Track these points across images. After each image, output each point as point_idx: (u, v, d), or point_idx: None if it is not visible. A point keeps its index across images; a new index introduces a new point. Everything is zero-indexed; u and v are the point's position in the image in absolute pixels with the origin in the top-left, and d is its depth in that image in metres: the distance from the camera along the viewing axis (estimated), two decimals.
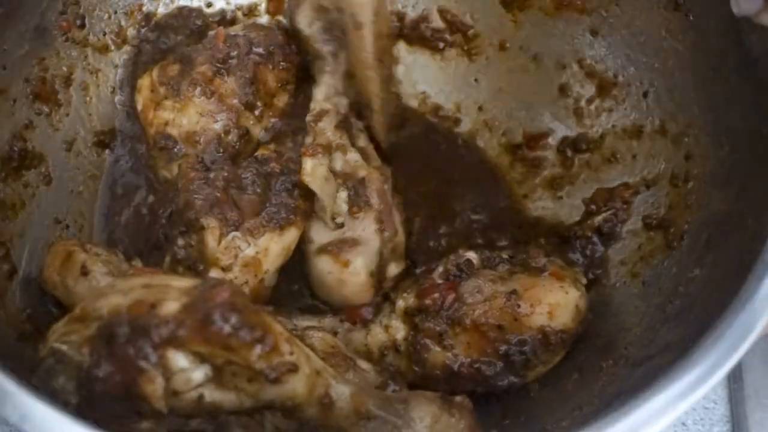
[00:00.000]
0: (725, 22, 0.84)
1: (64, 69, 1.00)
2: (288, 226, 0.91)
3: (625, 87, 1.02)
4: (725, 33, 0.86)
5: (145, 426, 0.71)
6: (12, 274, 0.87)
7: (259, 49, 1.02)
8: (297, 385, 0.70)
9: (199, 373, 0.68)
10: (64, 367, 0.69)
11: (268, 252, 0.89)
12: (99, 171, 1.04)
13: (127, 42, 1.07)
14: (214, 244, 0.87)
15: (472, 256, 0.91)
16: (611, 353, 0.85)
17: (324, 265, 0.90)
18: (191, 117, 0.97)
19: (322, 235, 0.92)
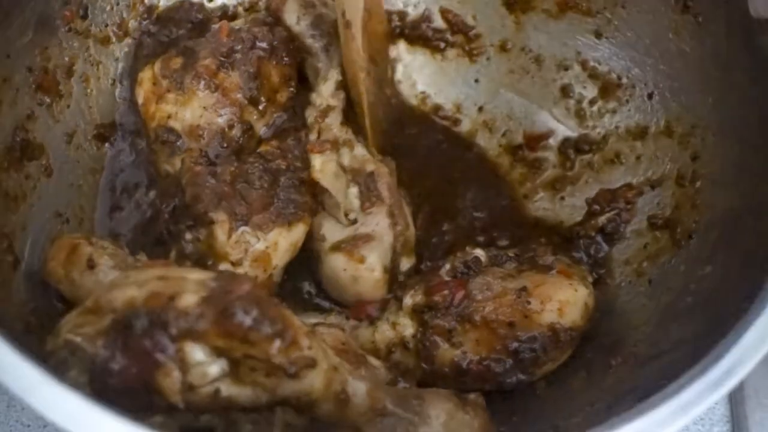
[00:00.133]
0: (735, 24, 0.85)
1: (66, 59, 0.98)
2: (296, 221, 0.90)
3: (630, 88, 1.02)
4: (735, 34, 0.87)
5: (156, 420, 0.69)
6: (16, 265, 0.85)
7: (262, 44, 1.01)
8: (315, 381, 0.69)
9: (216, 367, 0.67)
10: (77, 360, 0.67)
11: (278, 247, 0.88)
12: (99, 165, 1.03)
13: (129, 34, 1.06)
14: (223, 238, 0.86)
15: (480, 253, 0.91)
16: (619, 351, 0.85)
17: (338, 263, 0.90)
18: (194, 111, 0.96)
19: (334, 232, 0.92)
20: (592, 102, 1.06)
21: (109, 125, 1.04)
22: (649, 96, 1.00)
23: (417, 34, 1.15)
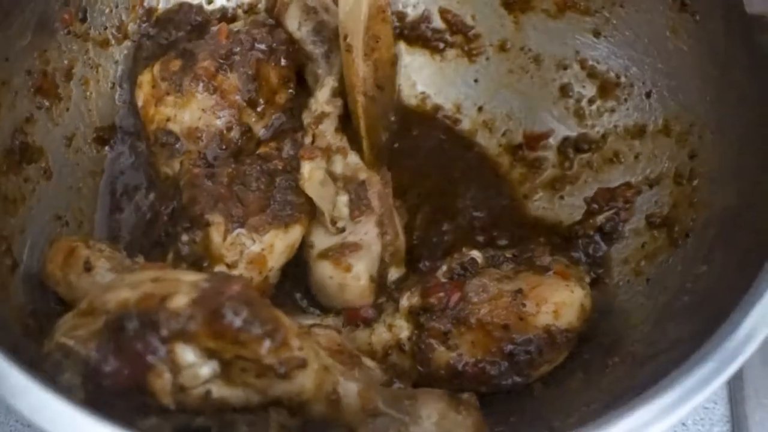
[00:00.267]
0: (733, 22, 0.85)
1: (65, 62, 0.99)
2: (293, 223, 0.90)
3: (628, 87, 1.02)
4: (732, 32, 0.86)
5: (150, 422, 0.70)
6: (14, 269, 0.86)
7: (261, 46, 1.01)
8: (305, 381, 0.69)
9: (207, 368, 0.67)
10: (71, 362, 0.67)
11: (273, 249, 0.89)
12: (98, 168, 1.03)
13: (128, 37, 1.07)
14: (219, 240, 0.86)
15: (477, 255, 0.91)
16: (617, 351, 0.85)
17: (325, 270, 0.90)
18: (193, 113, 0.96)
19: (322, 239, 0.92)
20: (591, 101, 1.06)
21: (109, 128, 1.05)
22: (648, 95, 1.00)
23: (416, 34, 1.15)
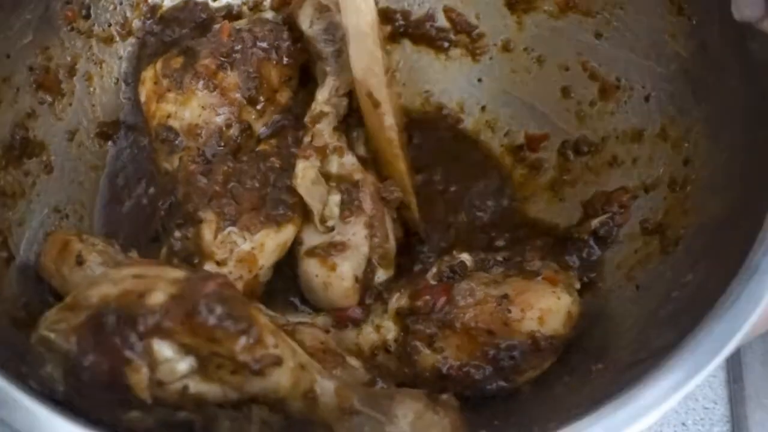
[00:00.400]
0: (728, 28, 0.83)
1: (68, 59, 1.01)
2: (285, 222, 0.91)
3: (627, 90, 1.01)
4: (728, 38, 0.85)
5: (132, 415, 0.71)
6: (9, 261, 0.88)
7: (263, 44, 1.02)
8: (281, 379, 0.70)
9: (184, 364, 0.68)
10: (52, 355, 0.69)
11: (264, 248, 0.89)
12: (101, 162, 1.05)
13: (132, 34, 1.08)
14: (210, 237, 0.87)
15: (466, 257, 0.90)
16: (602, 357, 0.84)
17: (311, 268, 0.90)
18: (193, 110, 0.97)
19: (312, 237, 0.92)
20: (592, 103, 1.05)
21: (113, 123, 1.07)
22: (646, 98, 0.98)
23: (420, 33, 1.15)
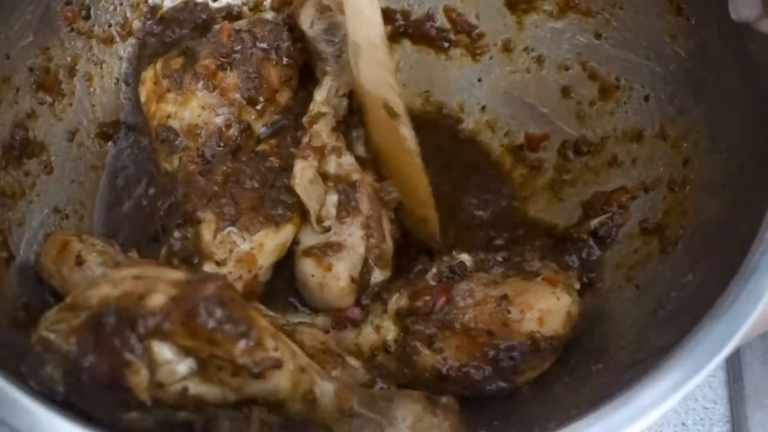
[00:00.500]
0: (727, 28, 0.83)
1: (68, 59, 1.01)
2: (284, 222, 0.91)
3: (627, 90, 1.01)
4: (726, 38, 0.85)
5: (132, 416, 0.71)
6: (9, 261, 0.88)
7: (263, 45, 1.02)
8: (280, 381, 0.70)
9: (184, 366, 0.68)
10: (52, 356, 0.69)
11: (263, 248, 0.89)
12: (101, 162, 1.05)
13: (133, 34, 1.08)
14: (209, 237, 0.87)
15: (466, 258, 0.90)
16: (602, 357, 0.84)
17: (307, 268, 0.90)
18: (193, 110, 0.97)
19: (309, 237, 0.92)
20: (592, 103, 1.05)
21: (113, 124, 1.07)
22: (646, 98, 0.99)
23: (421, 33, 1.15)
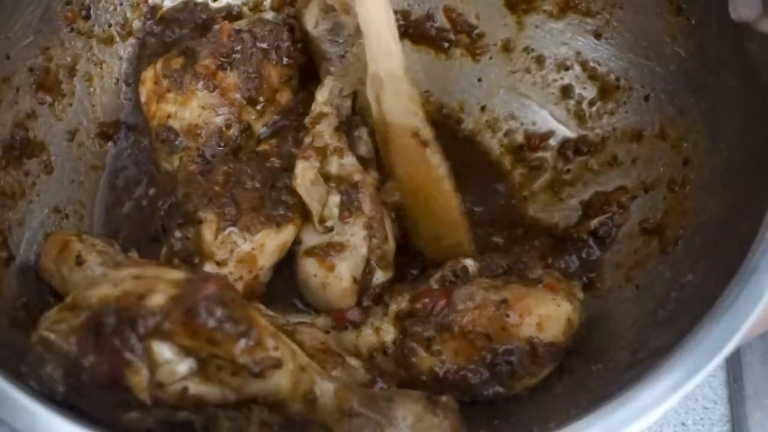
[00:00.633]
0: (726, 28, 0.83)
1: (68, 59, 1.01)
2: (285, 223, 0.91)
3: (627, 90, 1.01)
4: (726, 38, 0.85)
5: (132, 416, 0.71)
6: (9, 261, 0.88)
7: (263, 45, 1.02)
8: (280, 381, 0.70)
9: (184, 365, 0.68)
10: (52, 356, 0.69)
11: (264, 248, 0.89)
12: (101, 162, 1.05)
13: (133, 34, 1.08)
14: (210, 237, 0.87)
15: (470, 263, 0.90)
16: (602, 357, 0.84)
17: (309, 268, 0.90)
18: (193, 110, 0.97)
19: (311, 237, 0.92)
20: (592, 103, 1.05)
21: (113, 124, 1.07)
22: (645, 98, 0.99)
23: (421, 33, 1.15)
